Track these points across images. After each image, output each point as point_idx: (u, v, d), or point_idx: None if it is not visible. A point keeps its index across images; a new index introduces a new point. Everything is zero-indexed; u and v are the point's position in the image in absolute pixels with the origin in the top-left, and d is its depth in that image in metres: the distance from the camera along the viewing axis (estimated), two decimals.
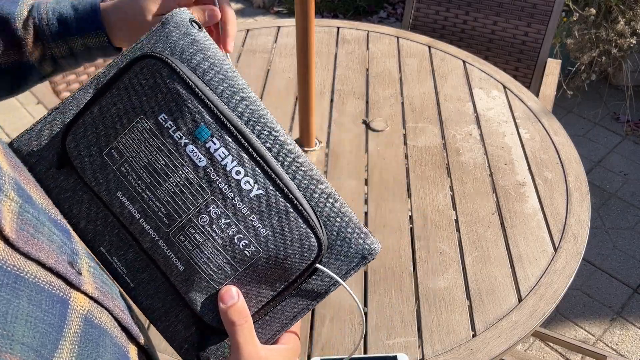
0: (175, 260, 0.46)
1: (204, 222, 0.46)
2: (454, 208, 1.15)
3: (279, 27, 1.76)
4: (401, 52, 1.64)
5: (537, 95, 1.73)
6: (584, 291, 1.99)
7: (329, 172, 1.23)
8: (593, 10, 2.43)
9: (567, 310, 1.93)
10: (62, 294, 0.37)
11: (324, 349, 0.89)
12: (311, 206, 0.49)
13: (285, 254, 0.47)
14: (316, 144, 1.30)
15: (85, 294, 0.40)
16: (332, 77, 1.53)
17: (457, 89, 1.49)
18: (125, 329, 0.44)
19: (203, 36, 0.49)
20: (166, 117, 0.46)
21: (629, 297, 1.97)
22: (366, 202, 1.16)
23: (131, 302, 0.49)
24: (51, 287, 0.36)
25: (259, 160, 0.46)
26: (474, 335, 0.91)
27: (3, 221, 0.34)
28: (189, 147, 0.46)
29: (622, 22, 2.46)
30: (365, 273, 1.01)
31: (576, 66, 2.72)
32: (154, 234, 0.46)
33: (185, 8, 0.53)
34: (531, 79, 1.93)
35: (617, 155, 2.55)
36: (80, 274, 0.40)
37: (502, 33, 1.94)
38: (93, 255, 0.49)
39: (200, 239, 0.46)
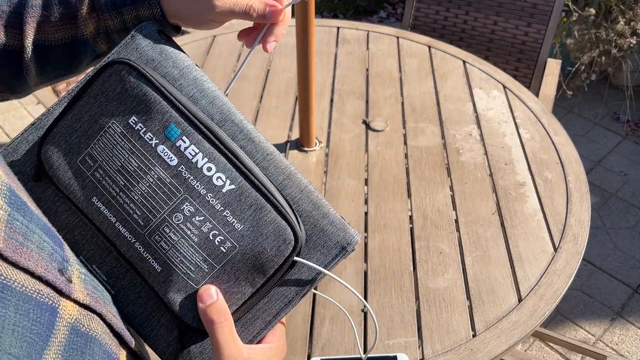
0: (152, 262, 0.46)
1: (178, 220, 0.46)
2: (454, 208, 1.14)
3: None
4: (401, 52, 1.64)
5: (537, 95, 1.73)
6: (584, 291, 1.99)
7: (329, 172, 1.23)
8: (593, 11, 2.43)
9: (567, 310, 1.93)
10: (50, 302, 0.37)
11: (324, 349, 0.89)
12: (286, 199, 0.49)
13: (262, 248, 0.47)
14: (316, 144, 1.30)
15: (76, 302, 0.39)
16: (332, 77, 1.53)
17: (457, 89, 1.49)
18: (117, 335, 0.44)
19: (171, 45, 0.51)
20: (136, 120, 0.47)
21: (629, 297, 1.97)
22: (366, 202, 1.16)
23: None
24: (39, 295, 0.36)
25: (230, 156, 0.47)
26: (474, 335, 0.91)
27: None
28: (160, 147, 0.46)
29: (622, 22, 2.46)
30: (365, 273, 1.01)
31: (576, 66, 2.72)
32: (130, 237, 0.46)
33: (152, 22, 0.52)
34: (531, 79, 1.93)
35: (617, 155, 2.55)
36: (71, 281, 0.39)
37: (502, 33, 1.94)
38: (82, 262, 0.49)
39: (176, 238, 0.46)
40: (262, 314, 0.50)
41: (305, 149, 1.28)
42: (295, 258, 0.48)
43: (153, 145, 0.46)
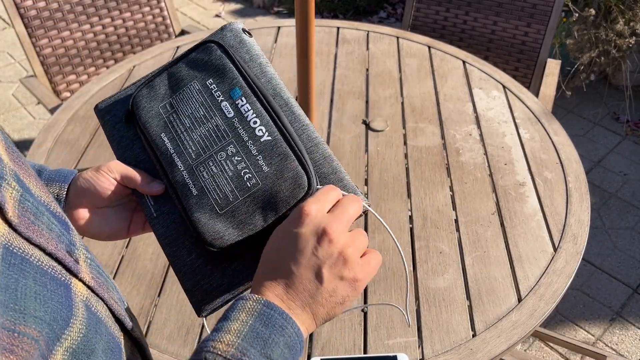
0: (192, 186, 0.58)
1: (221, 157, 0.58)
2: (454, 208, 1.15)
3: (279, 27, 1.77)
4: (401, 52, 1.64)
5: (536, 95, 1.73)
6: (583, 291, 1.99)
7: None
8: (592, 11, 2.43)
9: (567, 310, 1.93)
10: (63, 278, 0.39)
11: (324, 349, 0.89)
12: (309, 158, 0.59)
13: (279, 188, 0.56)
14: None
15: (83, 282, 0.41)
16: (332, 77, 1.53)
17: (457, 89, 1.49)
18: (118, 321, 0.45)
19: (250, 39, 0.65)
20: (212, 82, 0.61)
21: (628, 297, 1.97)
22: None
23: (124, 297, 0.51)
24: (53, 271, 0.38)
25: (273, 115, 0.59)
26: (473, 335, 0.91)
27: (7, 205, 0.35)
28: (223, 103, 0.60)
29: (621, 23, 2.46)
30: None
31: (576, 66, 2.72)
32: (180, 166, 0.59)
33: (238, 21, 0.64)
34: (531, 79, 1.93)
35: (617, 155, 2.55)
36: (78, 263, 0.41)
37: (502, 33, 1.94)
38: (88, 247, 0.51)
39: (215, 170, 0.58)
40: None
41: None
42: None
43: (219, 101, 0.60)
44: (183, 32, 2.11)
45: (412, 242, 1.07)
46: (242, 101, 0.60)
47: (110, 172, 0.60)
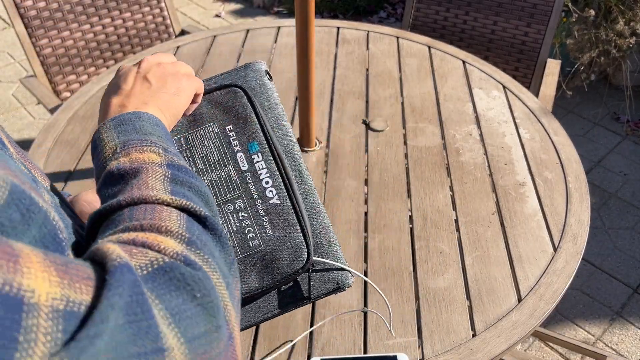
0: None
1: (228, 209, 0.58)
2: (454, 208, 1.15)
3: (279, 27, 1.77)
4: (401, 52, 1.64)
5: (536, 95, 1.73)
6: (583, 291, 1.99)
7: (329, 172, 1.23)
8: (592, 11, 2.43)
9: (567, 310, 1.93)
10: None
11: (324, 349, 0.89)
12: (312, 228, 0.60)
13: (280, 255, 0.57)
14: (316, 144, 1.30)
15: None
16: (332, 77, 1.53)
17: (457, 89, 1.49)
18: None
19: (270, 84, 0.66)
20: (232, 128, 0.62)
21: (628, 297, 1.97)
22: (366, 202, 1.16)
23: None
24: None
25: (285, 179, 0.60)
26: (473, 335, 0.91)
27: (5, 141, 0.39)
28: (239, 154, 0.61)
29: (621, 23, 2.46)
30: (366, 273, 1.01)
31: (576, 66, 2.72)
32: None
33: (263, 61, 0.67)
34: (531, 79, 1.93)
35: (617, 155, 2.55)
36: None
37: (502, 33, 1.94)
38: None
39: (221, 222, 0.55)
40: (255, 311, 0.59)
41: (306, 149, 1.28)
42: (315, 259, 0.59)
43: (235, 150, 0.61)
44: (183, 32, 2.11)
45: (412, 242, 1.07)
46: (258, 157, 0.60)
47: (90, 204, 0.61)
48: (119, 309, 0.28)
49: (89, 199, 0.61)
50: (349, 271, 0.62)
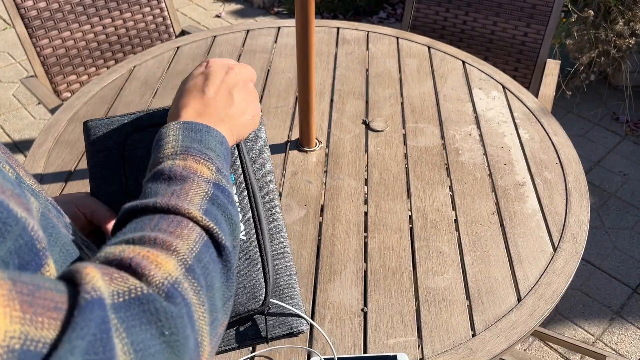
0: None
1: None
2: (454, 208, 1.15)
3: (279, 28, 1.77)
4: (401, 53, 1.64)
5: (536, 95, 1.74)
6: (583, 291, 1.99)
7: (329, 172, 1.23)
8: (592, 12, 2.43)
9: (566, 310, 1.93)
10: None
11: (324, 349, 0.89)
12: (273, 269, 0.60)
13: (236, 293, 0.56)
14: (316, 144, 1.30)
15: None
16: (332, 77, 1.54)
17: (456, 89, 1.49)
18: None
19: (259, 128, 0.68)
20: None
21: (628, 297, 1.97)
22: (366, 202, 1.16)
23: None
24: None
25: (256, 215, 0.59)
26: (473, 335, 0.92)
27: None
28: None
29: (621, 23, 2.46)
30: (365, 273, 1.02)
31: (575, 66, 2.72)
32: None
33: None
34: (530, 79, 1.94)
35: (616, 155, 2.56)
36: None
37: (502, 33, 1.94)
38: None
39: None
40: None
41: (306, 149, 1.29)
42: (272, 300, 0.60)
43: None
44: (183, 33, 2.12)
45: (412, 242, 1.07)
46: (232, 190, 0.63)
47: (81, 208, 0.60)
48: (79, 352, 0.27)
49: (84, 203, 0.60)
50: (304, 318, 0.62)
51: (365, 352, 0.89)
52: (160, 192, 0.42)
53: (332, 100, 1.45)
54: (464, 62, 1.60)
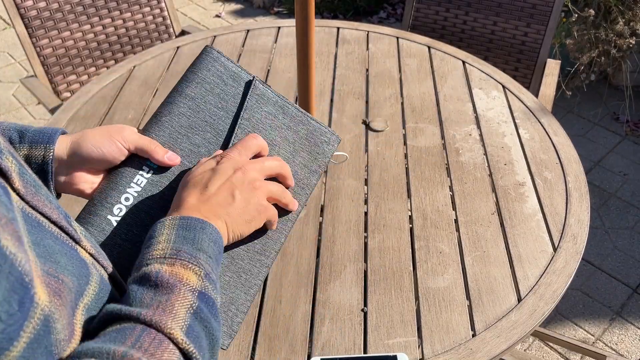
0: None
1: None
2: (454, 208, 1.15)
3: (279, 28, 1.77)
4: (401, 53, 1.64)
5: (536, 95, 1.73)
6: (583, 291, 1.99)
7: (328, 172, 1.23)
8: (592, 11, 2.43)
9: (566, 310, 1.93)
10: (70, 244, 0.42)
11: (324, 349, 0.89)
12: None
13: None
14: None
15: (85, 250, 0.44)
16: (332, 77, 1.54)
17: (456, 89, 1.49)
18: (117, 287, 0.49)
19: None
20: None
21: (628, 297, 1.97)
22: (366, 202, 1.16)
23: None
24: (61, 237, 0.41)
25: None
26: (473, 335, 0.91)
27: (13, 174, 0.38)
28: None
29: (621, 23, 2.46)
30: (365, 273, 1.02)
31: (575, 66, 2.72)
32: None
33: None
34: (531, 79, 1.94)
35: (616, 155, 2.55)
36: (77, 232, 0.44)
37: (502, 33, 1.94)
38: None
39: None
40: None
41: None
42: None
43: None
44: (183, 33, 2.12)
45: (412, 242, 1.07)
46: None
47: (124, 143, 0.60)
48: None
49: (97, 143, 0.59)
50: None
51: (365, 352, 0.89)
52: (145, 301, 0.42)
53: (332, 100, 1.45)
54: (464, 62, 1.60)
